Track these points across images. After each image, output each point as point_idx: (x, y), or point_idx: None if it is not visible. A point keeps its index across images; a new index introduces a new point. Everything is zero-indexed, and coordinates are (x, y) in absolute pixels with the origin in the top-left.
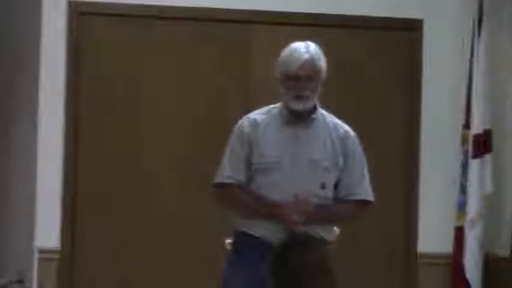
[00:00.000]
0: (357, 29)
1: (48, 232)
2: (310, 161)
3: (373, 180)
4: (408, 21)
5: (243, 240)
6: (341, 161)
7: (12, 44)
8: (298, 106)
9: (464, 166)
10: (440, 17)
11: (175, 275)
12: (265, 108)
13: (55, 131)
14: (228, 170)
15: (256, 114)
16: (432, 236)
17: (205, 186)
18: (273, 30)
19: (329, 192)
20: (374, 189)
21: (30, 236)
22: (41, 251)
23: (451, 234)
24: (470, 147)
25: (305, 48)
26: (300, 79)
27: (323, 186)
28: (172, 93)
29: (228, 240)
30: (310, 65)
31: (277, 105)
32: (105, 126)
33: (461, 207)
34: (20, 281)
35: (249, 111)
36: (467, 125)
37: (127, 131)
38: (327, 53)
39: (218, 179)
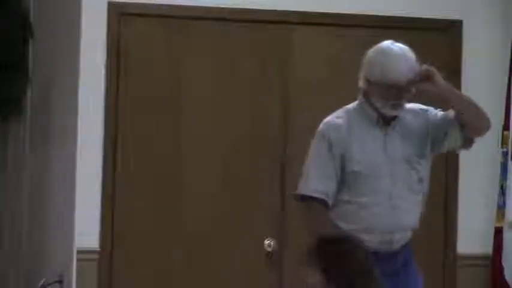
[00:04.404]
0: (395, 29)
1: (87, 233)
2: (405, 159)
3: None
4: (447, 22)
5: None
6: (429, 141)
7: (52, 45)
8: (395, 113)
9: (504, 167)
10: (480, 17)
11: (214, 277)
12: (342, 111)
13: (94, 131)
14: (316, 182)
15: (338, 119)
16: (472, 237)
17: (243, 187)
18: (312, 30)
19: (426, 186)
20: None
21: (70, 236)
22: (80, 252)
23: (491, 236)
24: (509, 148)
25: (405, 55)
26: (401, 88)
27: (421, 180)
28: (212, 94)
29: (267, 241)
30: (411, 73)
31: (353, 105)
32: (145, 128)
33: (501, 208)
34: (59, 282)
35: (287, 111)
36: (506, 126)
37: (167, 133)
38: (364, 54)
39: (303, 191)
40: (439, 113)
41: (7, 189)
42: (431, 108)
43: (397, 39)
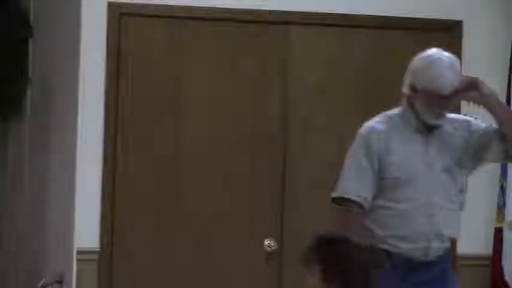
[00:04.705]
0: (395, 30)
1: (87, 233)
2: (445, 169)
3: None
4: (447, 22)
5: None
6: (469, 152)
7: (52, 45)
8: (437, 122)
9: (504, 167)
10: (480, 17)
11: (214, 277)
12: (383, 116)
13: (95, 132)
14: (352, 185)
15: (378, 123)
16: (472, 237)
17: (243, 187)
18: (312, 30)
19: (464, 197)
20: None
21: (70, 236)
22: (80, 252)
23: (491, 236)
24: None
25: (452, 64)
26: (446, 98)
27: (459, 191)
28: (212, 94)
29: (267, 241)
30: (456, 82)
31: (395, 111)
32: (145, 128)
33: (501, 208)
34: (59, 282)
35: (287, 111)
36: None
37: (167, 133)
38: (365, 54)
39: (341, 193)
40: (482, 124)
41: (7, 189)
42: (473, 120)
43: (397, 40)
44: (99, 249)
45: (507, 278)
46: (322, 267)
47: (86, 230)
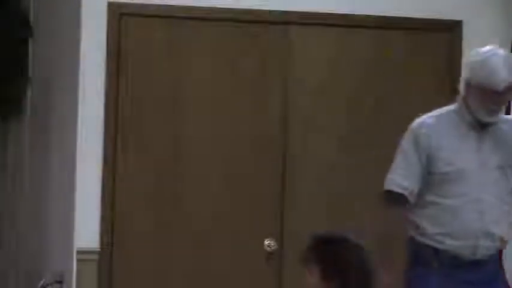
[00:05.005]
0: (395, 30)
1: (87, 233)
2: (497, 167)
3: None
4: (447, 22)
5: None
6: None
7: (52, 45)
8: (491, 119)
9: None
10: (480, 18)
11: (214, 277)
12: (437, 112)
13: (94, 132)
14: (400, 178)
15: (430, 118)
16: None
17: (243, 188)
18: (312, 30)
19: None
20: None
21: (70, 236)
22: (80, 252)
23: None
24: None
25: (507, 61)
26: (500, 94)
27: (511, 191)
28: (212, 94)
29: (267, 241)
30: (511, 79)
31: (451, 107)
32: (145, 128)
33: None
34: (59, 282)
35: (287, 111)
36: None
37: (167, 133)
38: (365, 54)
39: (388, 186)
40: None
41: (7, 189)
42: None
43: (397, 40)
44: (99, 249)
45: (508, 278)
46: (321, 266)
47: (86, 230)
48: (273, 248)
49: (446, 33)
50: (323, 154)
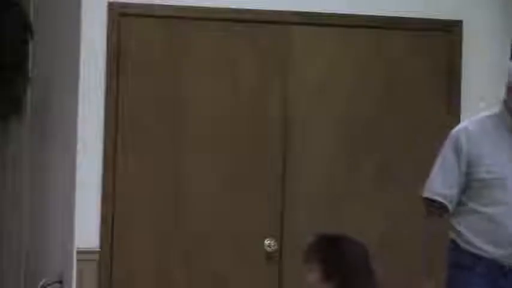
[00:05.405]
0: (395, 30)
1: (87, 233)
2: None
3: (413, 181)
4: (447, 22)
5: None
6: None
7: (52, 45)
8: None
9: None
10: (480, 18)
11: (214, 277)
12: (477, 118)
13: (95, 131)
14: (439, 186)
15: (471, 125)
16: None
17: (243, 187)
18: (313, 30)
19: None
20: (414, 190)
21: (70, 236)
22: (80, 252)
23: None
24: None
25: None
26: None
27: None
28: (212, 94)
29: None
30: None
31: (491, 113)
32: (145, 128)
33: None
34: (59, 282)
35: (287, 111)
36: None
37: (167, 133)
38: (364, 54)
39: (426, 193)
40: None
41: (7, 189)
42: None
43: (397, 40)
44: (99, 249)
45: None
46: (322, 266)
47: (86, 230)
48: (273, 248)
49: (446, 33)
50: (323, 154)
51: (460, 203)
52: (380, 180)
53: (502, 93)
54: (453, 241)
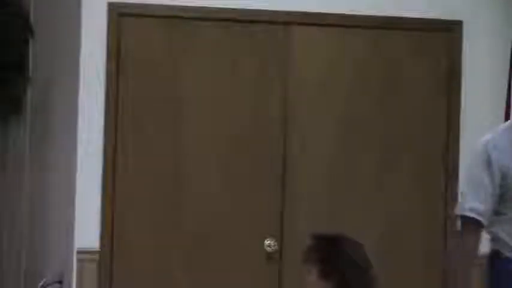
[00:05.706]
0: (395, 30)
1: (87, 233)
2: None
3: (413, 181)
4: (447, 22)
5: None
6: None
7: (52, 45)
8: None
9: None
10: (480, 18)
11: (214, 277)
12: (502, 128)
13: (95, 132)
14: (471, 201)
15: (497, 135)
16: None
17: (243, 187)
18: (312, 30)
19: None
20: (414, 190)
21: (70, 236)
22: (80, 252)
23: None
24: None
25: None
26: None
27: None
28: (212, 94)
29: (268, 241)
30: None
31: (511, 125)
32: (145, 128)
33: None
34: (59, 282)
35: (287, 111)
36: None
37: (167, 133)
38: (364, 54)
39: (460, 211)
40: None
41: (7, 189)
42: None
43: (397, 40)
44: (99, 249)
45: None
46: (320, 266)
47: (86, 230)
48: (273, 248)
49: (446, 33)
50: (323, 154)
51: (497, 213)
52: (380, 180)
53: (502, 93)
54: (496, 252)
